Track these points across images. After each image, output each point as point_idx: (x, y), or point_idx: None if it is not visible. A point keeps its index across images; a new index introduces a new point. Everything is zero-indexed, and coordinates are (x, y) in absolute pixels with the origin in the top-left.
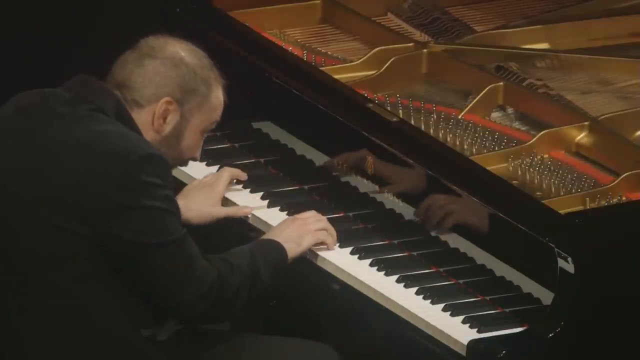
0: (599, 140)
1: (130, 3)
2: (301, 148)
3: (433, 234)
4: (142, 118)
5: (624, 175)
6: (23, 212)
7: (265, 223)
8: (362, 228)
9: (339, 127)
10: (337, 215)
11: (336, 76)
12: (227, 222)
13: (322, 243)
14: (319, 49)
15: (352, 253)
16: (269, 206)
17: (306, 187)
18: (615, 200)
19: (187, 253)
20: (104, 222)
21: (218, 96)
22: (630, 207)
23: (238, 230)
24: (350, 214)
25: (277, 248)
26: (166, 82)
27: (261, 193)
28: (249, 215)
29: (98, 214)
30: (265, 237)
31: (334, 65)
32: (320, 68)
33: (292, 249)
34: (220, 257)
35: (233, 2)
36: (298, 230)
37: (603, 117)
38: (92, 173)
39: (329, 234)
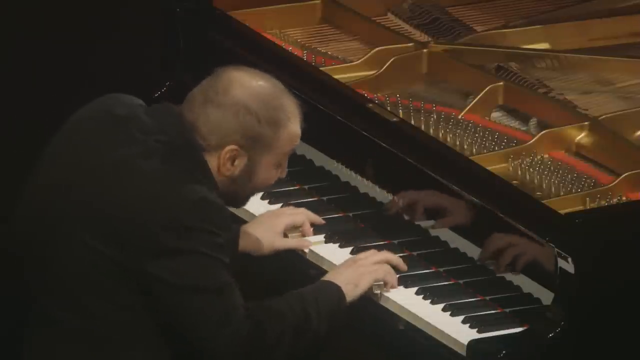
0: (599, 140)
1: (130, 3)
2: (301, 148)
3: (433, 234)
4: (211, 159)
5: (624, 175)
6: (67, 225)
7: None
8: (361, 228)
9: (339, 127)
10: (337, 215)
11: (336, 76)
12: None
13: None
14: (319, 49)
15: (352, 253)
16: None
17: (306, 187)
18: (615, 200)
19: (226, 303)
20: (144, 259)
21: (290, 132)
22: (630, 207)
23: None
24: (350, 214)
25: (334, 292)
26: (229, 132)
27: (261, 193)
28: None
29: (140, 250)
30: (324, 278)
31: (334, 65)
32: (320, 68)
33: (350, 291)
34: (263, 307)
35: (233, 2)
36: (358, 271)
37: (603, 117)
38: (144, 209)
39: (391, 272)
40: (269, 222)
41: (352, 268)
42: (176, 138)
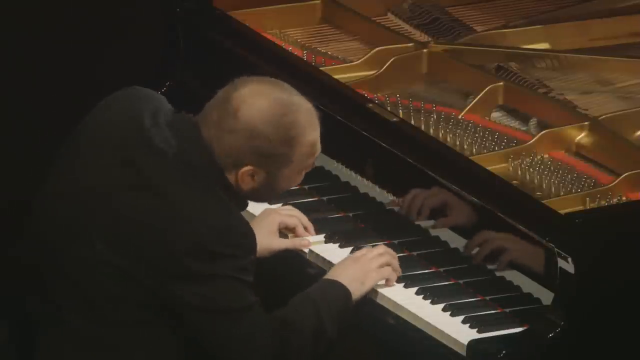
0: (599, 140)
1: (131, 3)
2: None
3: (433, 234)
4: (230, 177)
5: (624, 175)
6: (85, 234)
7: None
8: (361, 228)
9: (339, 127)
10: (337, 215)
11: (336, 76)
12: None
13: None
14: (319, 49)
15: (352, 253)
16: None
17: (306, 187)
18: (615, 200)
19: (251, 323)
20: (167, 280)
21: (307, 145)
22: (630, 207)
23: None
24: (350, 214)
25: (341, 291)
26: (244, 155)
27: None
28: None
29: (165, 273)
30: (327, 276)
31: (334, 65)
32: (320, 68)
33: (357, 290)
34: (286, 322)
35: (233, 2)
36: (363, 269)
37: (603, 117)
38: (170, 233)
39: (393, 269)
40: (264, 221)
41: (357, 265)
42: (198, 158)
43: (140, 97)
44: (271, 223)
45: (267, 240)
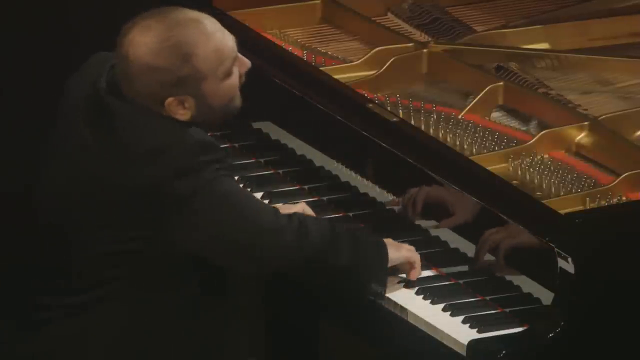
0: (599, 140)
1: (131, 3)
2: (301, 148)
3: (433, 234)
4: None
5: (624, 175)
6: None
7: None
8: (362, 228)
9: (339, 127)
10: (337, 215)
11: (336, 76)
12: None
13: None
14: (319, 49)
15: None
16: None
17: (306, 187)
18: (615, 200)
19: (257, 206)
20: (167, 220)
21: (209, 52)
22: (630, 207)
23: None
24: (350, 214)
25: (376, 239)
26: (157, 91)
27: (261, 193)
28: None
29: (160, 213)
30: None
31: (334, 65)
32: (320, 68)
33: (393, 251)
34: (300, 219)
35: (233, 2)
36: (399, 243)
37: (603, 117)
38: (142, 172)
39: (419, 261)
40: None
41: (392, 241)
42: (138, 104)
43: (100, 61)
44: None
45: None
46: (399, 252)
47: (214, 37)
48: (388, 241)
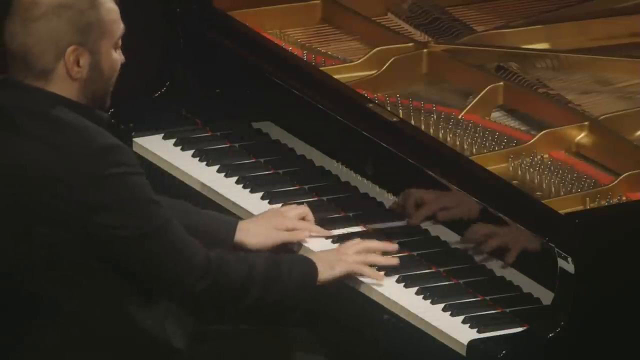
0: (599, 140)
1: (131, 3)
2: (301, 148)
3: (433, 234)
4: (58, 77)
5: (624, 175)
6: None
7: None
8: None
9: (339, 127)
10: (337, 215)
11: (336, 76)
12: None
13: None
14: (319, 49)
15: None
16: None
17: (306, 187)
18: (615, 200)
19: (172, 238)
20: (79, 223)
21: (109, 9)
22: (630, 207)
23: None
24: (350, 214)
25: (307, 262)
26: (62, 35)
27: (261, 193)
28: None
29: (70, 216)
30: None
31: (334, 65)
32: (320, 68)
33: (324, 271)
34: (229, 251)
35: (233, 2)
36: (335, 255)
37: (603, 117)
38: (55, 178)
39: (368, 266)
40: (274, 219)
41: (333, 251)
42: (23, 94)
43: None
44: (279, 224)
45: (267, 233)
46: (332, 270)
47: (112, 6)
48: (323, 257)
